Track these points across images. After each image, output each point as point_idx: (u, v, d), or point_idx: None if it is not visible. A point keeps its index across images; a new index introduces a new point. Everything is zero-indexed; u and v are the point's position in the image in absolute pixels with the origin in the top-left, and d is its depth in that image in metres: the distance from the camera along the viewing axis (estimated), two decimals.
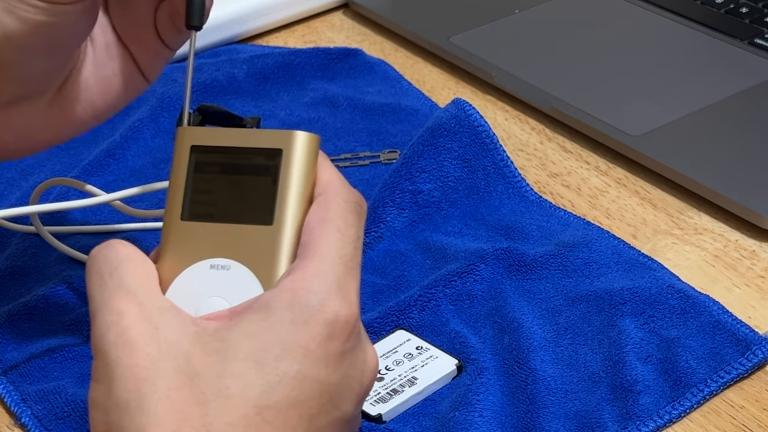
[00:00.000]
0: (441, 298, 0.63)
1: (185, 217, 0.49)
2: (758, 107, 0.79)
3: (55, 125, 0.60)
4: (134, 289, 0.47)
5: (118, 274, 0.48)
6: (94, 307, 0.48)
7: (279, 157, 0.49)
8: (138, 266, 0.49)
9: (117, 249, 0.49)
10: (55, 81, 0.59)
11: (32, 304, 0.64)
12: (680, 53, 0.87)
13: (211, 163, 0.50)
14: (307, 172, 0.49)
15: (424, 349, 0.60)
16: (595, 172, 0.75)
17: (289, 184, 0.49)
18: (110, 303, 0.47)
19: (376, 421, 0.56)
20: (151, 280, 0.48)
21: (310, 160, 0.49)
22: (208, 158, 0.50)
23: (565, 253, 0.65)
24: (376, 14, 0.93)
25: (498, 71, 0.84)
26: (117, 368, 0.45)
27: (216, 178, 0.50)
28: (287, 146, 0.49)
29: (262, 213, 0.49)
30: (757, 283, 0.65)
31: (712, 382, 0.57)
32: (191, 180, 0.50)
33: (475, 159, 0.71)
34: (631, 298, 0.62)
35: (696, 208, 0.71)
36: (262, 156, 0.49)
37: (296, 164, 0.49)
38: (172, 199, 0.50)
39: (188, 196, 0.50)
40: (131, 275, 0.48)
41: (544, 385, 0.57)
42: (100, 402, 0.46)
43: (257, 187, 0.49)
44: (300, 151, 0.49)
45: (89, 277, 0.49)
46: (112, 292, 0.47)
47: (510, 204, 0.71)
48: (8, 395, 0.59)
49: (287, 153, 0.49)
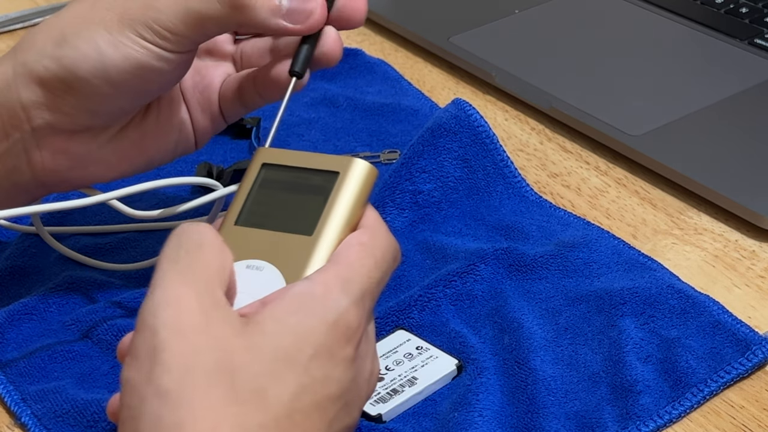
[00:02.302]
0: (441, 298, 0.63)
1: (238, 222, 0.53)
2: (758, 107, 0.79)
3: (108, 162, 0.61)
4: (200, 278, 0.47)
5: (192, 257, 0.48)
6: (157, 278, 0.48)
7: (335, 179, 0.52)
8: (213, 256, 0.48)
9: (203, 233, 0.49)
10: (124, 121, 0.61)
11: (32, 304, 0.64)
12: (680, 53, 0.87)
13: (274, 179, 0.54)
14: (357, 197, 0.52)
15: (424, 349, 0.60)
16: (595, 172, 0.75)
17: (336, 202, 0.51)
18: (173, 283, 0.47)
19: (376, 421, 0.56)
20: (219, 274, 0.48)
21: (362, 187, 0.52)
22: (273, 175, 0.54)
23: (565, 253, 0.65)
24: (376, 14, 0.93)
25: (498, 71, 0.84)
26: (163, 352, 0.45)
27: (275, 192, 0.53)
28: (344, 170, 0.52)
29: (305, 224, 0.51)
30: (757, 283, 0.65)
31: (712, 382, 0.57)
32: (253, 192, 0.53)
33: (475, 159, 0.71)
34: (631, 298, 0.62)
35: (696, 208, 0.71)
36: (320, 177, 0.52)
37: (348, 187, 0.52)
38: (233, 205, 0.53)
39: (247, 205, 0.53)
40: (203, 263, 0.48)
41: (544, 385, 0.57)
42: (137, 383, 0.45)
43: (308, 203, 0.52)
44: (355, 176, 0.52)
45: (167, 247, 0.49)
46: (179, 273, 0.47)
47: (510, 204, 0.71)
48: (8, 395, 0.59)
49: (342, 176, 0.52)
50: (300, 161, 0.53)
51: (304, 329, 0.46)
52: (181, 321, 0.46)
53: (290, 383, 0.45)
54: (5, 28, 0.95)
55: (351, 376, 0.48)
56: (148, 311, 0.46)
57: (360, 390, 0.49)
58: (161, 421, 0.44)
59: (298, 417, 0.45)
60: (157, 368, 0.45)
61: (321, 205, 0.51)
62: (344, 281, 0.48)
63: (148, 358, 0.45)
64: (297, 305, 0.47)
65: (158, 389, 0.44)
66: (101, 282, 0.66)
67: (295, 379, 0.46)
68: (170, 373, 0.45)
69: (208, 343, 0.45)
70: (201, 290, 0.47)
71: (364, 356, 0.50)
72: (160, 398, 0.44)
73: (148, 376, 0.45)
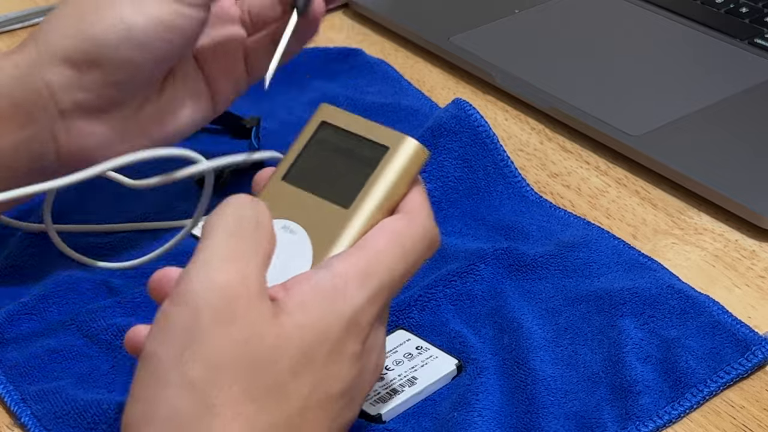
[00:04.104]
0: (441, 298, 0.63)
1: (285, 179, 0.53)
2: (758, 107, 0.79)
3: (131, 139, 0.62)
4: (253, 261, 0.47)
5: (250, 236, 0.47)
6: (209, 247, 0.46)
7: (383, 154, 0.52)
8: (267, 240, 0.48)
9: (260, 211, 0.49)
10: (148, 92, 0.62)
11: (32, 304, 0.64)
12: (680, 53, 0.87)
13: (328, 141, 0.54)
14: (400, 177, 0.51)
15: (424, 349, 0.60)
16: (595, 172, 0.75)
17: (379, 180, 0.51)
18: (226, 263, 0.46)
19: (376, 421, 0.56)
20: (268, 257, 0.48)
21: (409, 168, 0.52)
22: (329, 136, 0.54)
23: (565, 253, 0.65)
24: (376, 14, 0.93)
25: (498, 71, 0.84)
26: (200, 340, 0.44)
27: (326, 154, 0.53)
28: (394, 147, 0.52)
29: (344, 195, 0.51)
30: (757, 283, 0.65)
31: (712, 383, 0.57)
32: (306, 150, 0.54)
33: (476, 159, 0.71)
34: (631, 298, 0.62)
35: (696, 208, 0.71)
36: (370, 148, 0.52)
37: (393, 165, 0.51)
38: (286, 159, 0.54)
39: (297, 162, 0.53)
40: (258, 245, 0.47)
41: (543, 385, 0.57)
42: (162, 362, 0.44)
43: (353, 173, 0.52)
44: (404, 154, 0.52)
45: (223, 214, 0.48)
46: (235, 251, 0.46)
47: (510, 204, 0.71)
48: (8, 395, 0.59)
49: (391, 152, 0.52)
50: (356, 127, 0.53)
51: (324, 325, 0.46)
52: (225, 310, 0.45)
53: (307, 381, 0.46)
54: (5, 28, 0.95)
55: (356, 371, 0.48)
56: (193, 287, 0.45)
57: (364, 383, 0.50)
58: (180, 415, 0.43)
59: (308, 414, 0.46)
60: (188, 354, 0.44)
61: (364, 179, 0.51)
62: (364, 274, 0.48)
63: (180, 339, 0.44)
64: (319, 298, 0.47)
65: (184, 377, 0.44)
66: (101, 281, 0.66)
67: (311, 376, 0.46)
68: (201, 364, 0.44)
69: (244, 335, 0.45)
70: (252, 276, 0.46)
71: (371, 350, 0.49)
72: (184, 388, 0.43)
73: (176, 359, 0.44)
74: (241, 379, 0.44)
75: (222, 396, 0.44)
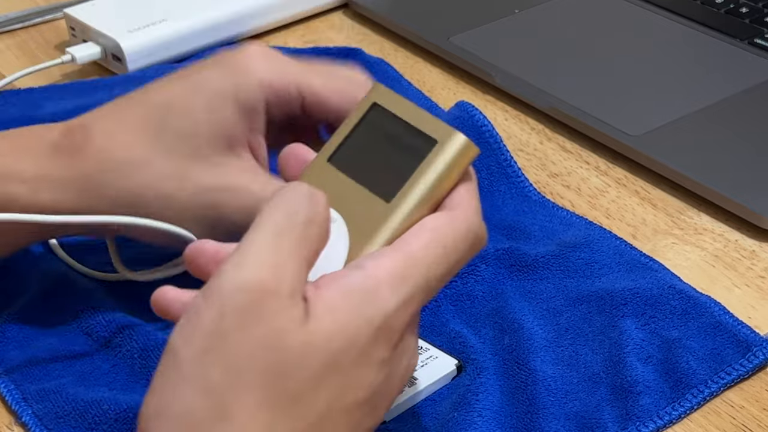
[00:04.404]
0: (441, 299, 0.63)
1: (330, 160, 0.52)
2: (758, 107, 0.79)
3: None
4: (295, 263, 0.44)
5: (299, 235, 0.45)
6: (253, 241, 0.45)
7: (431, 148, 0.50)
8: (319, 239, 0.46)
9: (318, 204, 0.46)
10: None
11: (33, 303, 0.64)
12: (680, 53, 0.87)
13: (378, 125, 0.52)
14: (448, 173, 0.50)
15: (424, 349, 0.60)
16: (595, 172, 0.75)
17: (424, 175, 0.49)
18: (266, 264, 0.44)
19: None
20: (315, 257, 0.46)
21: (456, 164, 0.50)
22: (379, 119, 0.52)
23: (566, 253, 0.65)
24: (376, 14, 0.93)
25: (498, 71, 0.84)
26: (224, 343, 0.43)
27: (375, 139, 0.52)
28: (444, 141, 0.50)
29: (388, 188, 0.50)
30: (757, 283, 0.65)
31: (713, 383, 0.57)
32: (355, 131, 0.52)
33: (479, 158, 0.71)
34: (632, 298, 0.62)
35: (696, 208, 0.71)
36: (419, 139, 0.50)
37: (441, 161, 0.50)
38: (333, 139, 0.53)
39: (345, 143, 0.52)
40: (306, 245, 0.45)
41: (544, 385, 0.57)
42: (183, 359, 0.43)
43: (399, 165, 0.50)
44: (452, 151, 0.50)
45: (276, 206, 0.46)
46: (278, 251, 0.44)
47: (513, 204, 0.71)
48: (9, 394, 0.59)
49: (439, 147, 0.50)
50: (407, 114, 0.51)
51: (353, 331, 0.44)
52: (252, 313, 0.43)
53: (330, 389, 0.44)
54: (5, 28, 0.95)
55: (383, 378, 0.46)
56: (222, 287, 0.44)
57: (391, 389, 0.48)
58: (193, 416, 0.42)
59: (328, 424, 0.44)
60: (211, 356, 0.43)
61: (408, 174, 0.50)
62: (399, 277, 0.46)
63: (204, 340, 0.43)
64: (349, 301, 0.45)
65: (203, 379, 0.42)
66: (101, 279, 0.66)
67: (335, 383, 0.44)
68: (221, 368, 0.42)
69: (269, 341, 0.43)
70: (288, 277, 0.44)
71: (401, 354, 0.48)
72: (202, 389, 0.42)
73: (198, 360, 0.43)
74: (262, 386, 0.43)
75: (239, 402, 0.42)
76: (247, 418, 0.42)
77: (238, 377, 0.43)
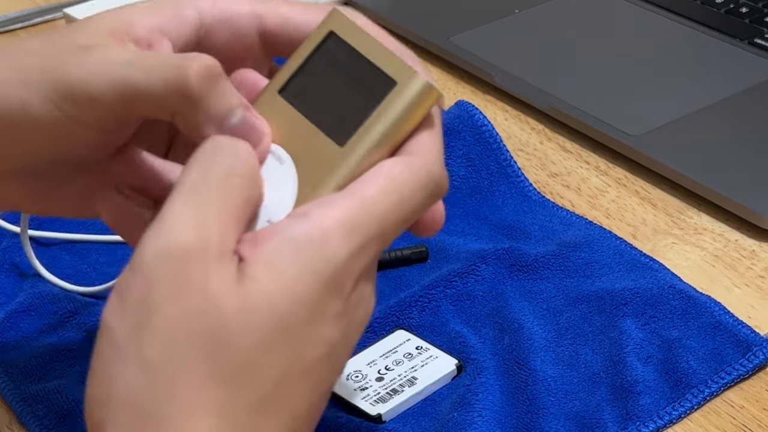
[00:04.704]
0: (441, 299, 0.63)
1: (282, 92, 0.48)
2: (758, 107, 0.79)
3: None
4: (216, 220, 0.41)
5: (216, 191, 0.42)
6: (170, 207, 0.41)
7: (390, 89, 0.46)
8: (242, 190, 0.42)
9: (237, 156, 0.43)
10: None
11: (29, 301, 0.64)
12: (680, 53, 0.87)
13: (334, 57, 0.48)
14: (406, 118, 0.45)
15: (424, 349, 0.60)
16: (595, 172, 0.75)
17: (381, 120, 0.45)
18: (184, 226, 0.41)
19: (376, 421, 0.56)
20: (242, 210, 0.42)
21: (415, 109, 0.46)
22: (335, 51, 0.48)
23: (566, 253, 0.65)
24: (376, 14, 0.93)
25: (498, 71, 0.84)
26: (155, 313, 0.40)
27: (329, 73, 0.48)
28: (403, 83, 0.46)
29: (341, 131, 0.46)
30: (757, 283, 0.65)
31: (713, 383, 0.57)
32: (309, 62, 0.48)
33: (479, 158, 0.71)
34: (632, 298, 0.62)
35: (696, 208, 0.71)
36: (377, 78, 0.46)
37: (399, 105, 0.45)
38: (284, 68, 0.48)
39: (297, 75, 0.48)
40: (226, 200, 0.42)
41: (544, 385, 0.57)
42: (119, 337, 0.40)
43: (354, 104, 0.46)
44: (411, 94, 0.45)
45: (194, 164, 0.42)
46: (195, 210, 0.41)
47: (513, 203, 0.71)
48: (9, 394, 0.59)
49: (398, 90, 0.46)
50: (366, 48, 0.47)
51: (300, 288, 0.41)
52: (178, 280, 0.40)
53: (282, 354, 0.41)
54: (5, 28, 0.95)
55: (339, 332, 0.43)
56: (145, 255, 0.41)
57: (349, 341, 0.44)
58: (137, 398, 0.39)
59: (286, 390, 0.41)
60: (145, 331, 0.40)
61: (364, 116, 0.45)
62: (349, 226, 0.42)
63: (136, 313, 0.40)
64: (293, 255, 0.41)
65: (141, 356, 0.40)
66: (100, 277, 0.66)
67: (288, 348, 0.41)
68: (158, 343, 0.39)
69: (201, 308, 0.40)
70: (213, 236, 0.41)
71: (357, 303, 0.44)
72: (142, 368, 0.40)
73: (133, 335, 0.40)
74: (205, 359, 0.39)
75: (184, 378, 0.39)
76: (195, 394, 0.39)
77: (177, 351, 0.39)
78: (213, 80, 0.45)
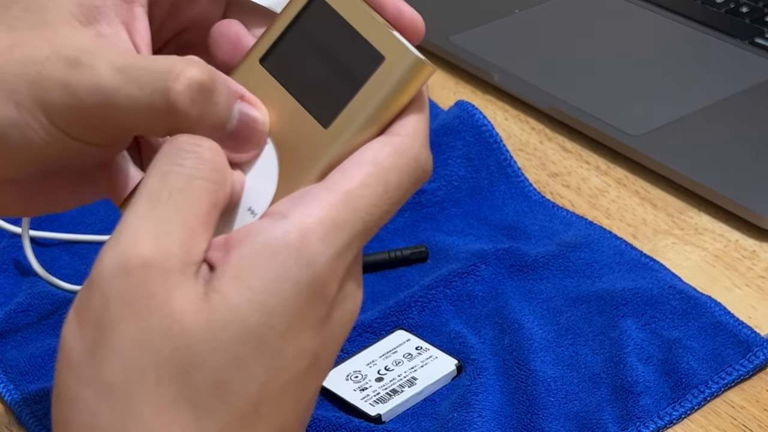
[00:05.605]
0: (441, 299, 0.63)
1: (263, 61, 0.44)
2: (758, 107, 0.79)
3: None
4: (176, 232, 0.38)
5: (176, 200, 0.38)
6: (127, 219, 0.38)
7: (378, 65, 0.42)
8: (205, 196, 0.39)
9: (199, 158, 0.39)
10: None
11: (28, 301, 0.64)
12: (680, 53, 0.87)
13: (319, 24, 0.44)
14: (394, 99, 0.42)
15: (423, 350, 0.60)
16: (595, 172, 0.75)
17: (370, 100, 0.42)
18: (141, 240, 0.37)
19: (376, 422, 0.56)
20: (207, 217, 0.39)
21: (407, 87, 0.42)
22: (322, 16, 0.44)
23: (566, 253, 0.65)
24: None
25: (498, 71, 0.84)
26: (111, 333, 0.37)
27: (314, 42, 0.44)
28: (393, 59, 0.42)
29: (326, 111, 0.42)
30: (757, 283, 0.65)
31: (713, 384, 0.57)
32: (292, 28, 0.44)
33: (479, 158, 0.71)
34: (632, 298, 0.62)
35: (696, 208, 0.71)
36: (366, 53, 0.43)
37: (389, 84, 0.42)
38: (265, 37, 0.44)
39: (280, 43, 0.44)
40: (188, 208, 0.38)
41: (544, 385, 0.57)
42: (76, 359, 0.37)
43: (340, 81, 0.43)
44: (401, 72, 0.42)
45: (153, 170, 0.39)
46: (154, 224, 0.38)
47: (513, 203, 0.71)
48: (8, 394, 0.59)
49: (386, 66, 0.42)
50: (354, 15, 0.43)
51: (275, 299, 0.38)
52: (136, 297, 0.37)
53: (258, 372, 0.38)
54: None
55: (322, 339, 0.39)
56: (101, 271, 0.38)
57: (336, 341, 0.41)
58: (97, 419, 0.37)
59: (264, 408, 0.38)
60: (102, 351, 0.37)
61: (350, 95, 0.42)
62: (331, 226, 0.39)
63: (93, 332, 0.37)
64: (266, 262, 0.38)
65: (99, 379, 0.37)
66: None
67: (264, 364, 0.38)
68: (117, 364, 0.37)
69: (165, 324, 0.37)
70: (177, 249, 0.38)
71: (342, 302, 0.40)
72: (101, 392, 0.37)
73: (90, 357, 0.37)
74: (171, 380, 0.37)
75: (149, 402, 0.37)
76: (161, 419, 0.37)
77: (139, 373, 0.37)
78: (204, 97, 0.41)
